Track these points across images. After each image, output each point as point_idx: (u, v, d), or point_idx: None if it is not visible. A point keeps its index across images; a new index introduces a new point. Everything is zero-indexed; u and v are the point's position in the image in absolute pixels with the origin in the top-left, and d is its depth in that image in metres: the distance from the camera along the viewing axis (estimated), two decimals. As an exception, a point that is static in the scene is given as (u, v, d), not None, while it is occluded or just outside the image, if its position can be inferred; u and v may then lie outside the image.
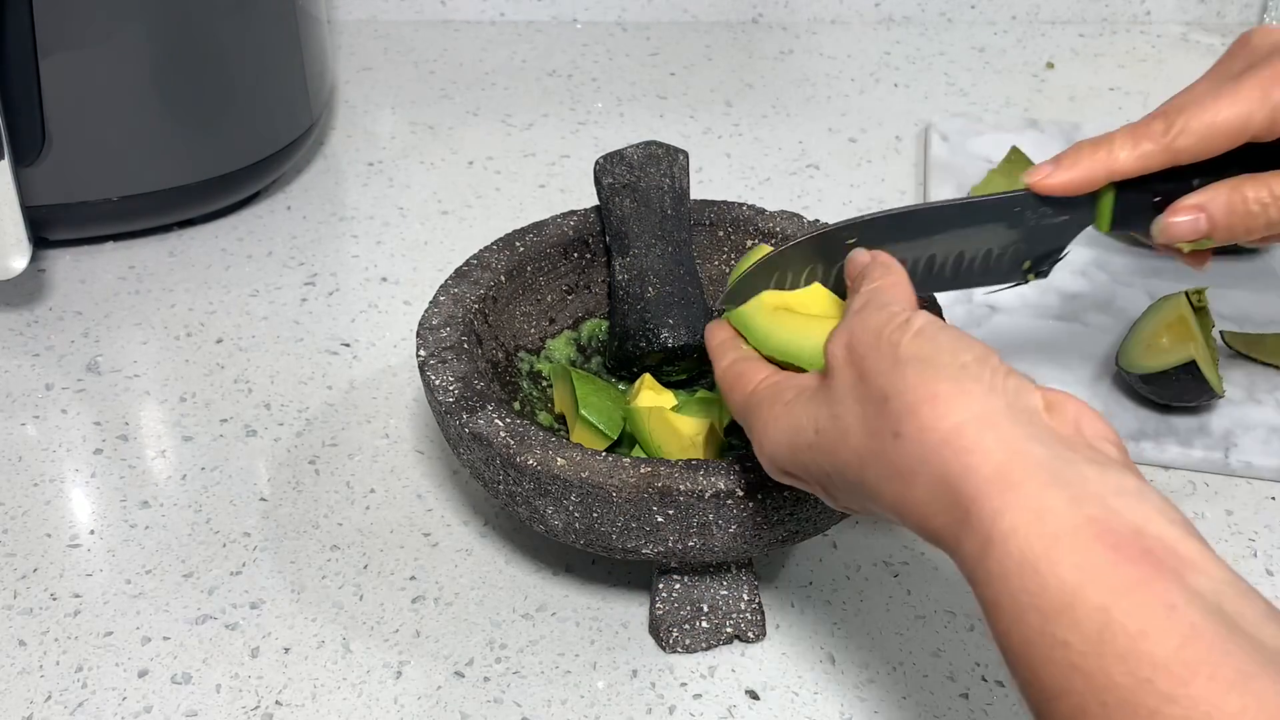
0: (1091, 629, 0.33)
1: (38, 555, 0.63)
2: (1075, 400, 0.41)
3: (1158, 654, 0.32)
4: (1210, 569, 0.35)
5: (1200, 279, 0.79)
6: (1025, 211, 0.54)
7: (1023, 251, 0.55)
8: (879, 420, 0.40)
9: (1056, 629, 0.34)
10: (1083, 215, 0.55)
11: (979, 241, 0.54)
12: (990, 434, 0.38)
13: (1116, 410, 0.70)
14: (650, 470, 0.51)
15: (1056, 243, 0.55)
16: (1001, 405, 0.39)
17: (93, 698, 0.56)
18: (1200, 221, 0.53)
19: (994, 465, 0.37)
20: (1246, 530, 0.65)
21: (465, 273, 0.63)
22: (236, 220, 0.90)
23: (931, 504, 0.38)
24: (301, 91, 0.90)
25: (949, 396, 0.39)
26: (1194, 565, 0.34)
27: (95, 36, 0.78)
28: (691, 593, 0.58)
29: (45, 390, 0.74)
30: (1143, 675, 0.32)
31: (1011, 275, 0.56)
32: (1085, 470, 0.37)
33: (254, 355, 0.77)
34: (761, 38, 1.18)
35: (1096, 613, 0.33)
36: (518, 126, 1.03)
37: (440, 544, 0.64)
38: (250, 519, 0.65)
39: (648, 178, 0.64)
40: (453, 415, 0.54)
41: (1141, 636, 0.33)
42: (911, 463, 0.39)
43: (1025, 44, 1.15)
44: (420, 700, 0.56)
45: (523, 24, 1.20)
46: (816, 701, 0.56)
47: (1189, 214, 0.53)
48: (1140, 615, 0.33)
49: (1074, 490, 0.36)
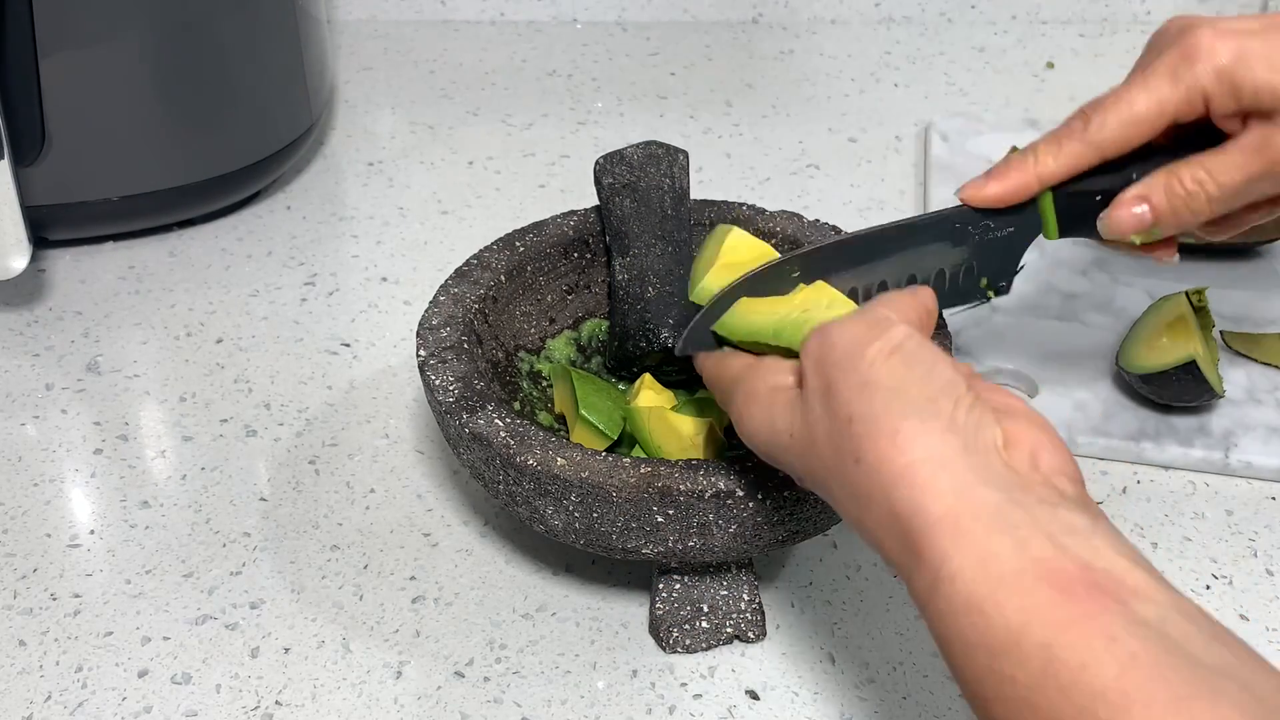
0: (1036, 665, 0.35)
1: (38, 555, 0.63)
2: (1035, 431, 0.41)
3: (1097, 684, 0.34)
4: (1157, 595, 0.36)
5: (1200, 279, 0.79)
6: (967, 227, 0.55)
7: (976, 269, 0.55)
8: (842, 441, 0.41)
9: (1003, 665, 0.35)
10: (1028, 226, 0.55)
11: (928, 263, 0.55)
12: (944, 475, 0.39)
13: (1116, 410, 0.70)
14: (650, 470, 0.51)
15: (1009, 257, 0.55)
16: (958, 445, 0.39)
17: (93, 698, 0.56)
18: (1143, 212, 0.53)
19: (944, 508, 0.38)
20: (1246, 530, 0.65)
21: (465, 273, 0.63)
22: (236, 220, 0.90)
23: (885, 533, 0.40)
24: (301, 91, 0.90)
25: (910, 434, 0.39)
26: (1140, 593, 0.35)
27: (95, 36, 0.78)
28: (691, 593, 0.58)
29: (45, 390, 0.74)
30: (1084, 705, 0.34)
31: (971, 295, 0.56)
32: (1036, 511, 0.38)
33: (254, 355, 0.77)
34: (761, 38, 1.18)
35: (1040, 649, 0.35)
36: (518, 126, 1.03)
37: (440, 544, 0.64)
38: (250, 519, 0.65)
39: (648, 178, 0.64)
40: (453, 415, 0.54)
41: (1082, 669, 0.34)
42: (870, 489, 0.40)
43: (1025, 44, 1.15)
44: (420, 700, 0.56)
45: (523, 24, 1.20)
46: (816, 701, 0.56)
47: (1130, 205, 0.53)
48: (1081, 648, 0.34)
49: (1022, 533, 0.37)
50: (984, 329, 0.76)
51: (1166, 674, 0.33)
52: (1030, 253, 0.56)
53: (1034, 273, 0.80)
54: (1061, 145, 0.54)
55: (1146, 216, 0.53)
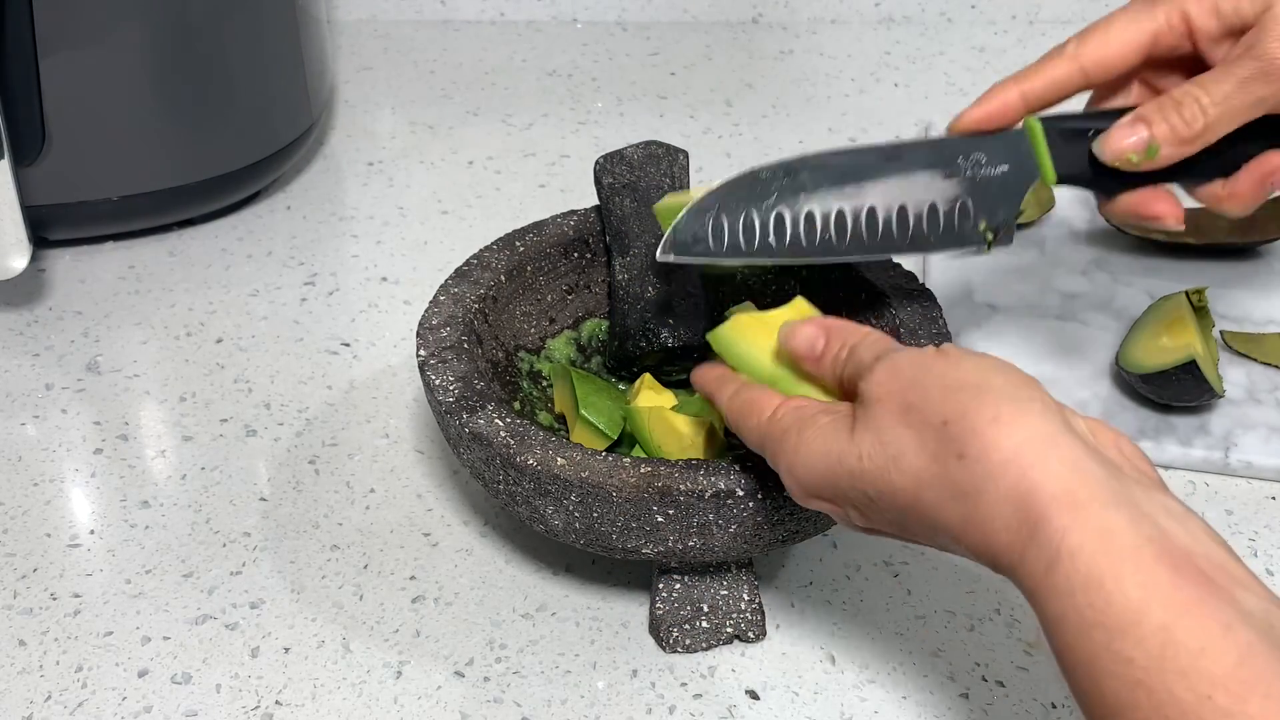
0: (1154, 646, 0.35)
1: (38, 555, 0.63)
2: (1108, 425, 0.42)
3: (1217, 671, 0.34)
4: (1257, 588, 0.36)
5: (1200, 279, 0.79)
6: (957, 158, 0.54)
7: (972, 209, 0.54)
8: (940, 444, 0.41)
9: (1121, 645, 0.35)
10: (1022, 164, 0.54)
11: (919, 194, 0.54)
12: (1053, 452, 0.39)
13: (1116, 410, 0.70)
14: (650, 470, 0.51)
15: (1006, 200, 0.55)
16: (1058, 425, 0.40)
17: (93, 698, 0.56)
18: (1139, 130, 0.53)
19: (1059, 483, 0.38)
20: (1246, 530, 0.65)
21: (465, 273, 0.63)
22: (236, 220, 0.90)
23: (996, 521, 0.39)
24: (301, 91, 0.90)
25: (1010, 418, 0.40)
26: (1243, 584, 0.36)
27: (95, 36, 0.78)
28: (691, 593, 0.58)
29: (45, 390, 0.74)
30: (1203, 692, 0.34)
31: (969, 239, 0.55)
32: (1136, 492, 0.38)
33: (254, 355, 0.77)
34: (761, 38, 1.18)
35: (1159, 631, 0.35)
36: (518, 126, 1.03)
37: (440, 544, 0.64)
38: (250, 519, 0.65)
39: (648, 178, 0.64)
40: (453, 415, 0.54)
41: (1201, 654, 0.34)
42: (977, 482, 0.39)
43: (1025, 44, 1.15)
44: (420, 700, 0.56)
45: (523, 24, 1.20)
46: (816, 701, 0.56)
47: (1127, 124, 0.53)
48: (1200, 633, 0.34)
49: (1132, 511, 0.37)
50: (984, 329, 0.76)
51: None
52: (1029, 251, 0.56)
53: (1034, 272, 0.80)
54: (1043, 65, 0.54)
55: (1144, 135, 0.53)
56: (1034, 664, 0.58)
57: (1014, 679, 0.57)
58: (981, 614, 0.60)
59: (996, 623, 0.60)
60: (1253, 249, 0.82)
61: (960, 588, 0.61)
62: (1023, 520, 0.38)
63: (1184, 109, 0.52)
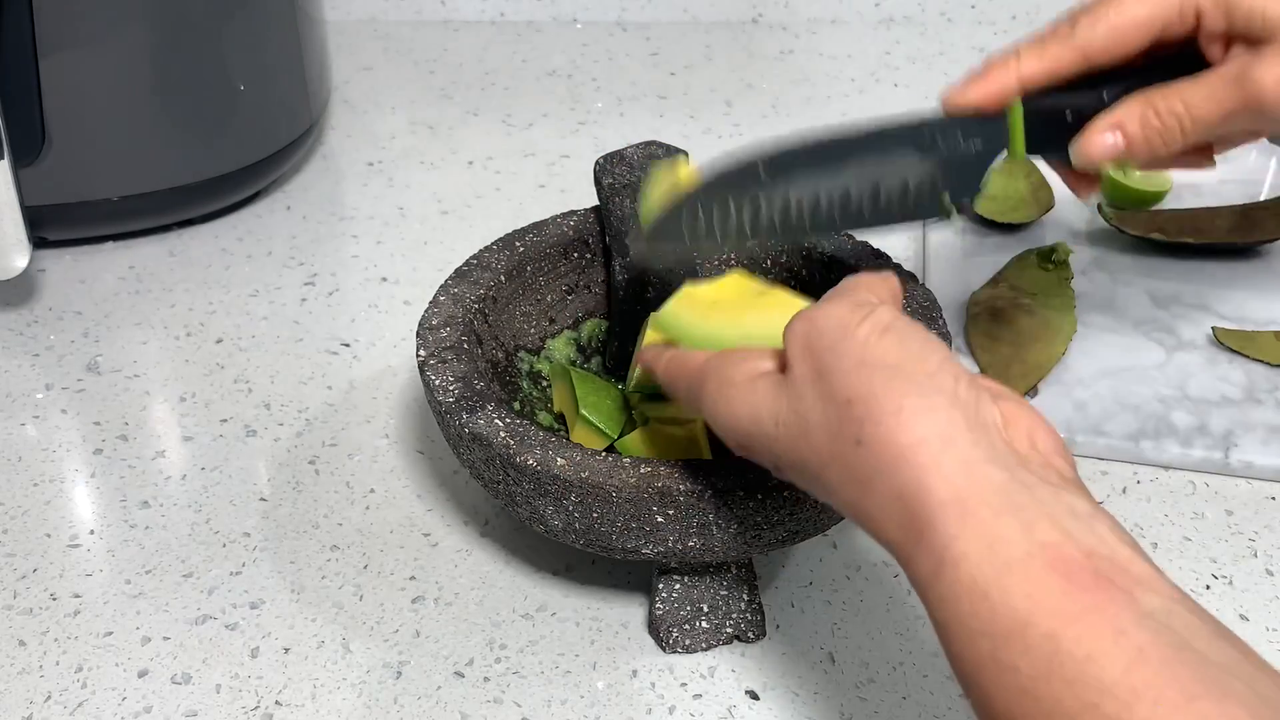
0: (1040, 655, 0.34)
1: (38, 555, 0.63)
2: (1027, 412, 0.41)
3: (1105, 678, 0.33)
4: (1161, 588, 0.35)
5: (1200, 279, 0.78)
6: (936, 136, 0.53)
7: (940, 183, 0.54)
8: (841, 424, 0.40)
9: (1006, 654, 0.34)
10: (995, 138, 0.54)
11: (893, 172, 0.53)
12: (950, 454, 0.37)
13: (1116, 410, 0.70)
14: (650, 470, 0.51)
15: (973, 173, 0.54)
16: (962, 422, 0.38)
17: (93, 698, 0.56)
18: (1117, 139, 0.52)
19: (951, 489, 0.37)
20: (1246, 530, 0.65)
21: (465, 273, 0.63)
22: (236, 220, 0.90)
23: (887, 516, 0.38)
24: (301, 91, 0.90)
25: (913, 411, 0.38)
26: (1146, 584, 0.35)
27: (95, 36, 0.78)
28: (691, 593, 0.58)
29: (45, 390, 0.74)
30: (1089, 700, 0.33)
31: (931, 209, 0.54)
32: (1040, 492, 0.37)
33: (254, 355, 0.77)
34: (761, 38, 1.18)
35: (1045, 640, 0.34)
36: (518, 126, 1.03)
37: (440, 544, 0.64)
38: (250, 519, 0.65)
39: (648, 178, 0.64)
40: (453, 415, 0.54)
41: (1089, 661, 0.33)
42: (871, 471, 0.39)
43: (1025, 44, 1.15)
44: (420, 700, 0.56)
45: (523, 24, 1.20)
46: (816, 701, 0.56)
47: (1104, 132, 0.52)
48: (1088, 640, 0.33)
49: (1028, 515, 0.36)
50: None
51: (1175, 670, 0.32)
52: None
53: (1034, 273, 0.80)
54: (1046, 47, 0.53)
55: (1119, 144, 0.52)
56: (1034, 664, 0.57)
57: (1014, 679, 0.57)
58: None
59: (996, 623, 0.60)
60: (1253, 249, 0.82)
61: (960, 588, 0.61)
62: (910, 521, 0.37)
63: (1166, 130, 0.52)
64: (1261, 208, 0.83)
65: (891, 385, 0.39)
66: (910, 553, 0.38)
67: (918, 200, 0.54)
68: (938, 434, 0.38)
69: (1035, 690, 0.34)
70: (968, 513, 0.36)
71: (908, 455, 0.38)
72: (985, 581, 0.35)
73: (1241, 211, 0.83)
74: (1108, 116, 0.52)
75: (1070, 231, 0.84)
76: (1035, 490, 0.37)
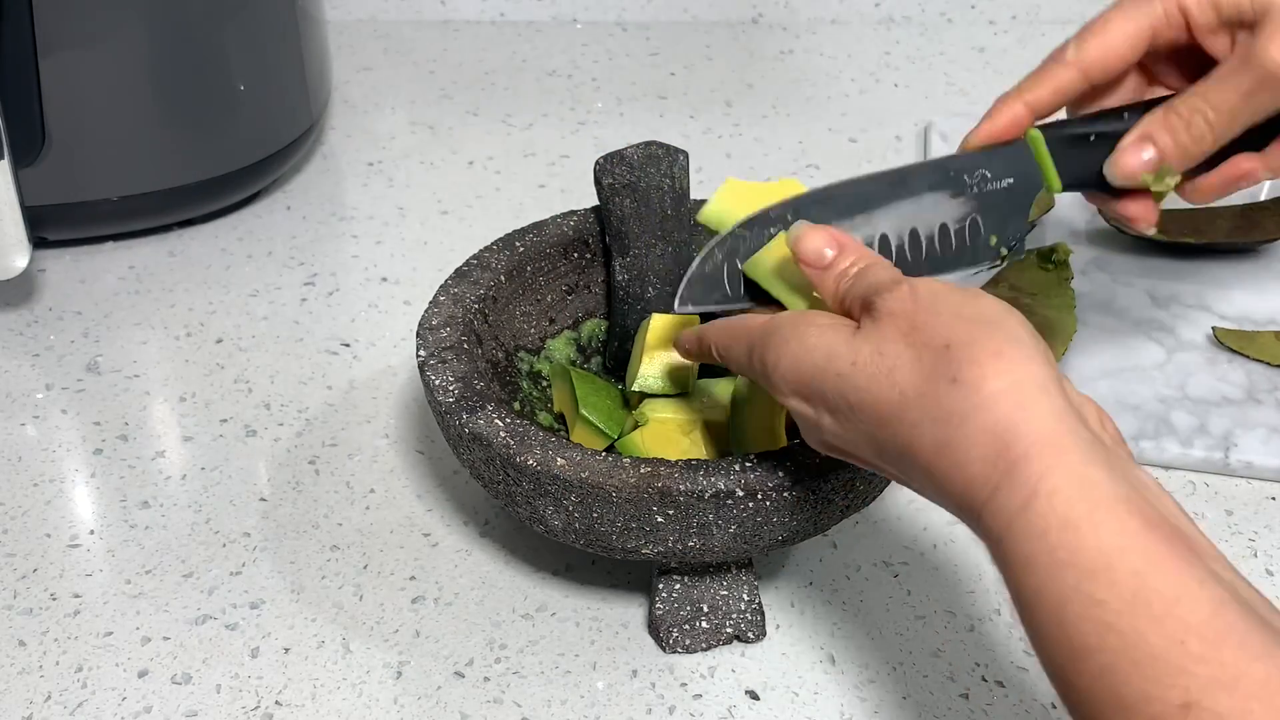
0: (1127, 591, 0.35)
1: (38, 555, 0.63)
2: (1094, 403, 0.43)
3: (1191, 620, 0.34)
4: (1224, 563, 0.37)
5: (1200, 279, 0.78)
6: (962, 175, 0.54)
7: (984, 226, 0.54)
8: (937, 365, 0.41)
9: (1093, 588, 0.36)
10: (1027, 174, 0.54)
11: (928, 216, 0.54)
12: (1045, 400, 0.39)
13: (1116, 411, 0.70)
14: (650, 470, 0.51)
15: (1013, 211, 0.55)
16: (1055, 379, 0.40)
17: (93, 698, 0.56)
18: (1148, 149, 0.53)
19: (1046, 428, 0.38)
20: (1246, 530, 0.65)
21: (465, 273, 0.63)
22: (236, 220, 0.90)
23: (973, 451, 0.39)
24: (301, 91, 0.90)
25: (1012, 357, 0.40)
26: (1212, 557, 0.37)
27: (95, 36, 0.78)
28: (691, 593, 0.58)
29: (45, 390, 0.74)
30: (1176, 637, 0.34)
31: (982, 255, 0.55)
32: (1115, 459, 0.39)
33: (254, 355, 0.77)
34: (761, 38, 1.18)
35: (1133, 576, 0.35)
36: (518, 126, 1.03)
37: (440, 544, 0.64)
38: (250, 519, 0.65)
39: (648, 178, 0.64)
40: (453, 415, 0.54)
41: (1177, 601, 0.35)
42: (965, 408, 0.39)
43: (1025, 44, 1.15)
44: (420, 700, 0.56)
45: (523, 24, 1.20)
46: (816, 701, 0.56)
47: (1136, 149, 0.53)
48: (1175, 583, 0.35)
49: (1113, 470, 0.38)
50: (984, 329, 0.76)
51: (1251, 623, 0.35)
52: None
53: (1034, 273, 0.80)
54: (1045, 73, 0.54)
55: (1153, 154, 0.53)
56: (1034, 664, 0.58)
57: (1014, 679, 0.57)
58: (981, 614, 0.60)
59: (996, 623, 0.60)
60: (1253, 249, 0.82)
61: (960, 588, 0.61)
62: (1001, 454, 0.38)
63: (1191, 127, 0.52)
64: (1261, 208, 0.83)
65: (994, 334, 0.41)
66: (993, 489, 0.38)
67: (960, 244, 0.55)
68: (1034, 381, 0.39)
69: (1119, 624, 0.35)
70: (1062, 452, 0.38)
71: (1008, 393, 0.39)
72: (1077, 516, 0.37)
73: (1241, 211, 0.83)
74: (1134, 131, 0.53)
75: (1070, 231, 0.84)
76: (1112, 455, 0.39)
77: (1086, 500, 0.37)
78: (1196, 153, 0.53)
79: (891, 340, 0.42)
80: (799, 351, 0.45)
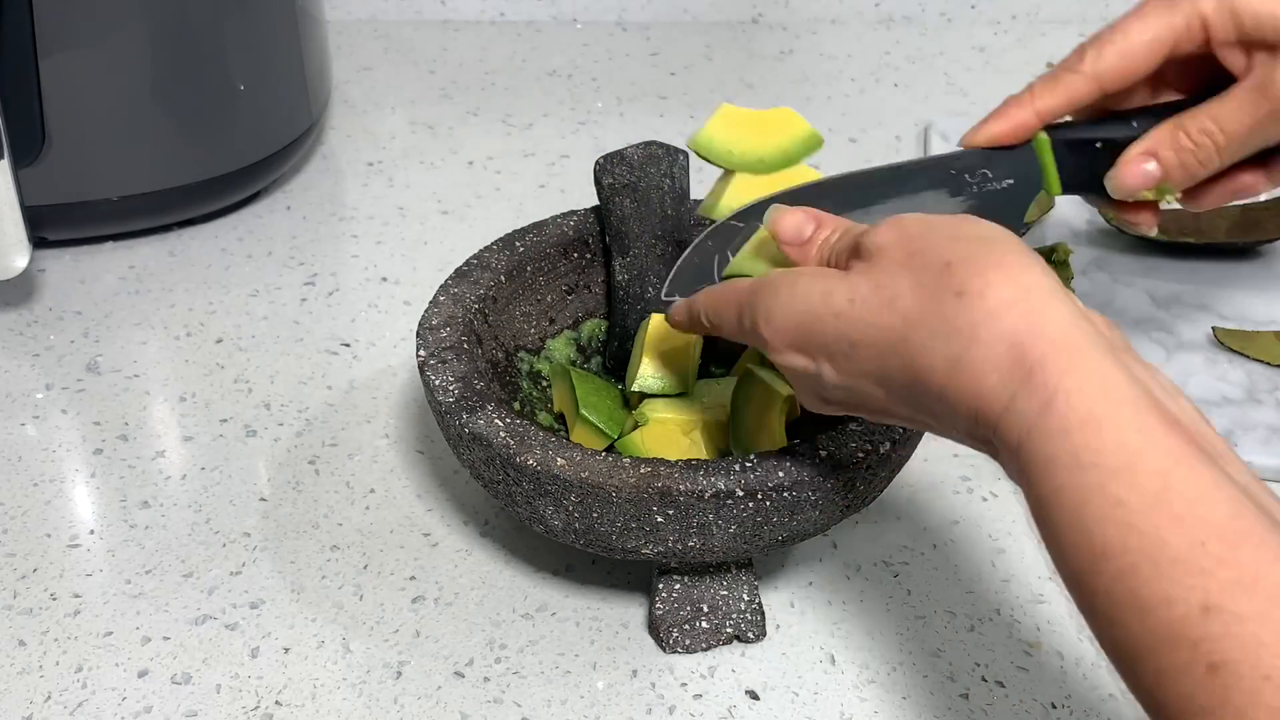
0: (1149, 490, 0.35)
1: (38, 555, 0.63)
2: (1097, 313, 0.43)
3: (1212, 520, 0.34)
4: (1239, 465, 0.38)
5: (1200, 279, 0.78)
6: (964, 175, 0.53)
7: None
8: (939, 282, 0.40)
9: (1115, 488, 0.35)
10: (1028, 178, 0.54)
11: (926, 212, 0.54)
12: (1056, 304, 0.39)
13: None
14: (650, 470, 0.51)
15: (1011, 213, 0.54)
16: (1060, 284, 0.40)
17: (93, 698, 0.56)
18: (1152, 168, 0.53)
19: (1061, 331, 0.38)
20: (1246, 530, 0.65)
21: (465, 273, 0.63)
22: (236, 220, 0.90)
23: (987, 362, 0.39)
24: (301, 91, 0.90)
25: (1015, 266, 0.40)
26: (1227, 459, 0.37)
27: (95, 36, 0.78)
28: (691, 593, 0.58)
29: (45, 390, 0.74)
30: (1197, 537, 0.34)
31: None
32: (1128, 360, 0.39)
33: (254, 355, 0.77)
34: (761, 38, 1.18)
35: (1155, 476, 0.35)
36: (518, 126, 1.03)
37: (440, 544, 0.64)
38: (250, 519, 0.65)
39: (648, 178, 0.64)
40: (453, 415, 0.54)
41: (1198, 501, 0.35)
42: (974, 319, 0.39)
43: (1025, 44, 1.15)
44: (420, 700, 0.56)
45: (523, 24, 1.20)
46: (816, 701, 0.56)
47: (1139, 163, 0.53)
48: (1196, 483, 0.35)
49: (1128, 371, 0.38)
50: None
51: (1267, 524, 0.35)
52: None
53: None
54: (1059, 79, 0.53)
55: (1155, 172, 0.53)
56: (1034, 664, 0.58)
57: (1014, 679, 0.57)
58: (981, 614, 0.60)
59: (996, 623, 0.60)
60: (1253, 249, 0.82)
61: (960, 588, 0.61)
62: (1017, 360, 0.38)
63: (1200, 149, 0.52)
64: (1261, 208, 0.83)
65: (991, 247, 0.40)
66: (1011, 396, 0.38)
67: None
68: (1042, 287, 0.39)
69: (1141, 524, 0.35)
70: (1080, 353, 0.38)
71: (1019, 300, 0.39)
72: (1099, 415, 0.36)
73: (1241, 211, 0.83)
74: (1140, 145, 0.53)
75: (1070, 231, 0.84)
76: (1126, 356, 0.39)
77: (1107, 399, 0.36)
78: (1201, 174, 0.53)
79: (888, 272, 0.42)
80: (791, 299, 0.44)
